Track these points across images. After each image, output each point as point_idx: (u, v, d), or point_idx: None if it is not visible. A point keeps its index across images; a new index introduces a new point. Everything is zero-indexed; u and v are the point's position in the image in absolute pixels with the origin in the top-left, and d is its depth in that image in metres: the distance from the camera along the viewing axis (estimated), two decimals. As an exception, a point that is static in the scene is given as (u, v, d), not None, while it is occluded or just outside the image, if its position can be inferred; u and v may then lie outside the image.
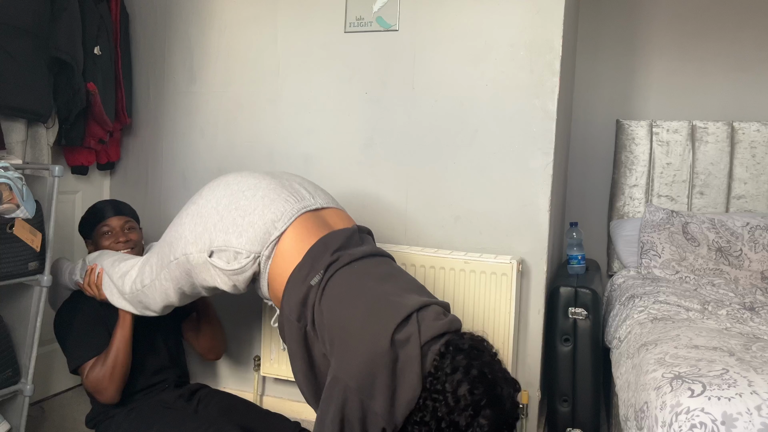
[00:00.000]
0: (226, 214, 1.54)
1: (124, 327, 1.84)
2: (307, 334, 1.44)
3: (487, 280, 2.04)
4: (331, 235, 1.52)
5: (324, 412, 1.32)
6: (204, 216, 1.57)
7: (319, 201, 1.62)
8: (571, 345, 2.07)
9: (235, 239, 1.51)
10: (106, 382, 1.79)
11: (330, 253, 1.46)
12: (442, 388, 1.26)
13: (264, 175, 1.64)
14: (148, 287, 1.72)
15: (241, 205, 1.54)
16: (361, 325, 1.33)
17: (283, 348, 1.79)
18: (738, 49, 2.77)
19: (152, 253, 1.74)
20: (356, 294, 1.40)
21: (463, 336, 1.36)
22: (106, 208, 2.07)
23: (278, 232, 1.51)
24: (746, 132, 2.65)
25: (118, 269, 1.82)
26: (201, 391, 2.02)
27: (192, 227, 1.58)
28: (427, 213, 2.23)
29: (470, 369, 1.27)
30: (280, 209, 1.53)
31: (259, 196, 1.55)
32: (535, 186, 2.11)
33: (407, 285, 1.46)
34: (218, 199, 1.58)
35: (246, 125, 2.45)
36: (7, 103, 2.00)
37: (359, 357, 1.30)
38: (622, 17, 2.92)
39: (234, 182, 1.61)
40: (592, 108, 2.96)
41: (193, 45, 2.52)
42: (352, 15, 2.27)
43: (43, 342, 2.18)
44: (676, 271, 2.40)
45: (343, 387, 1.29)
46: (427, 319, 1.34)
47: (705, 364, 1.36)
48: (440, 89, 2.20)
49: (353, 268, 1.45)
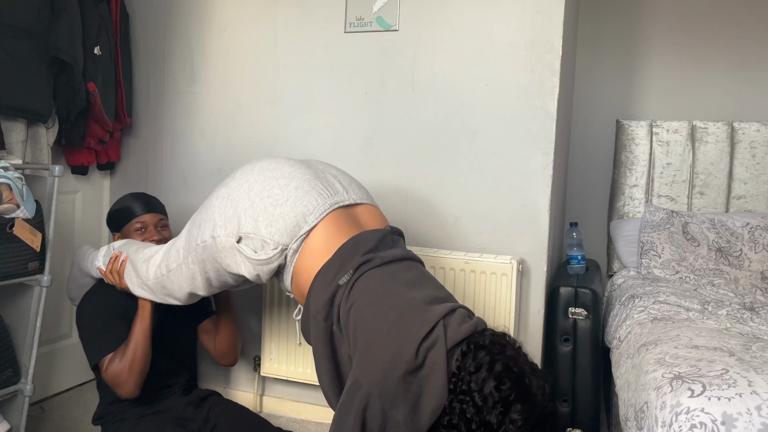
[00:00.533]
0: (257, 201, 1.50)
1: (143, 319, 1.80)
2: (333, 334, 1.41)
3: (487, 280, 2.04)
4: (363, 235, 1.49)
5: (343, 417, 1.28)
6: (235, 200, 1.53)
7: (352, 196, 1.58)
8: (571, 345, 2.07)
9: (265, 228, 1.48)
10: (125, 376, 1.75)
11: (361, 254, 1.43)
12: (468, 388, 1.22)
13: (300, 164, 1.60)
14: (173, 272, 1.68)
15: (274, 193, 1.50)
16: (387, 332, 1.30)
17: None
18: (738, 49, 2.77)
19: (179, 237, 1.70)
20: (384, 298, 1.36)
21: (484, 333, 1.32)
22: (139, 203, 2.01)
23: (308, 226, 1.47)
24: (746, 132, 2.65)
25: (142, 254, 1.79)
26: (211, 399, 1.99)
27: (222, 210, 1.55)
28: (427, 213, 2.23)
29: (494, 364, 1.23)
30: (313, 203, 1.49)
31: (293, 186, 1.51)
32: (535, 186, 2.11)
33: (435, 291, 1.43)
34: (251, 184, 1.54)
35: (246, 125, 2.45)
36: (7, 103, 2.01)
37: (383, 364, 1.26)
38: (622, 17, 2.92)
39: (268, 168, 1.57)
40: (592, 108, 2.96)
41: (193, 45, 2.52)
42: (352, 15, 2.27)
43: (43, 342, 2.18)
44: (676, 271, 2.40)
45: (365, 393, 1.26)
46: (453, 324, 1.31)
47: (705, 364, 1.36)
48: (440, 89, 2.20)
49: (383, 271, 1.42)
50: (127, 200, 2.03)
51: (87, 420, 2.25)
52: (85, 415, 2.30)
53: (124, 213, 1.99)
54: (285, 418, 2.38)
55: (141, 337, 1.78)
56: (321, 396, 2.37)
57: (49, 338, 2.42)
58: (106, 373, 1.76)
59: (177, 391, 1.95)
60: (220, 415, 1.92)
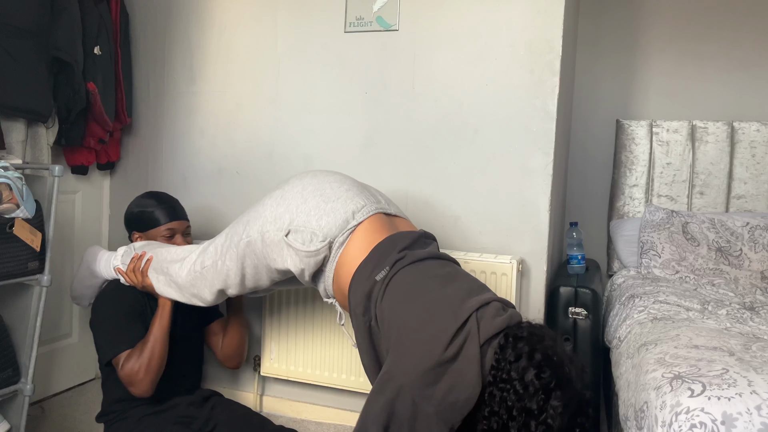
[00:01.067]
0: (310, 198, 1.61)
1: (163, 317, 1.82)
2: (372, 329, 1.46)
3: (487, 280, 2.04)
4: (399, 234, 1.57)
5: (371, 404, 1.31)
6: (287, 198, 1.64)
7: (392, 209, 1.71)
8: (571, 345, 2.07)
9: (315, 221, 1.57)
10: (142, 374, 1.75)
11: (397, 251, 1.50)
12: (508, 377, 1.26)
13: (346, 177, 1.74)
14: (208, 268, 1.74)
15: (326, 192, 1.62)
16: (420, 326, 1.34)
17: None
18: (738, 49, 2.77)
19: (219, 236, 1.77)
20: (418, 293, 1.41)
21: (521, 325, 1.36)
22: (168, 209, 2.02)
23: (356, 222, 1.57)
24: (746, 132, 2.65)
25: (174, 254, 1.84)
26: (213, 399, 2.00)
27: (273, 207, 1.64)
28: (427, 213, 2.23)
29: (534, 353, 1.26)
30: (361, 203, 1.61)
31: (344, 188, 1.64)
32: (535, 186, 2.11)
33: (471, 287, 1.46)
34: (304, 185, 1.66)
35: (246, 125, 2.45)
36: (7, 103, 2.01)
37: (415, 357, 1.30)
38: (622, 17, 2.92)
39: (321, 174, 1.71)
40: (592, 108, 2.96)
41: (193, 45, 2.52)
42: (352, 15, 2.27)
43: (43, 342, 2.18)
44: (676, 271, 2.40)
45: (397, 385, 1.29)
46: (486, 316, 1.34)
47: (705, 364, 1.36)
48: (440, 89, 2.20)
49: (417, 267, 1.47)
50: (153, 204, 2.02)
51: (87, 420, 2.25)
52: (85, 415, 2.30)
53: (151, 217, 2.00)
54: (285, 418, 2.38)
55: (160, 336, 1.80)
56: (321, 396, 2.37)
57: (49, 338, 2.42)
58: (122, 370, 1.76)
59: (181, 391, 1.96)
60: (222, 414, 1.92)
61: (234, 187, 2.47)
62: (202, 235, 2.45)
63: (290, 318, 2.29)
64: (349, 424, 2.33)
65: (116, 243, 2.53)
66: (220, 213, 2.48)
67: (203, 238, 2.41)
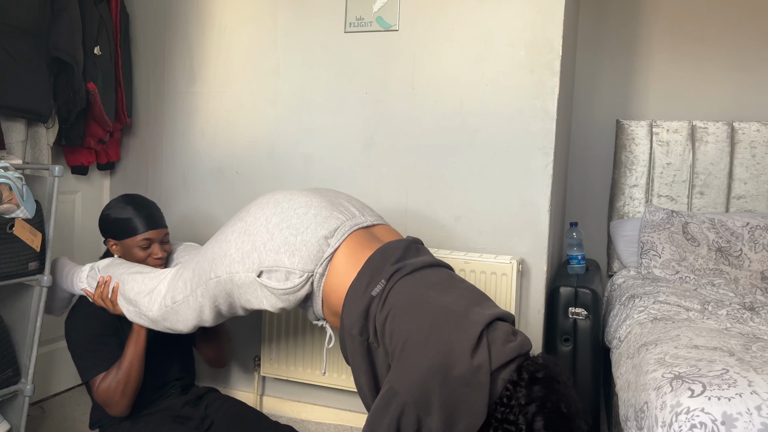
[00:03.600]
0: (276, 233, 1.50)
1: (138, 342, 1.77)
2: (370, 346, 1.40)
3: (487, 280, 2.04)
4: (388, 245, 1.49)
5: (377, 421, 1.27)
6: (252, 234, 1.52)
7: (368, 218, 1.60)
8: (571, 345, 2.07)
9: (288, 259, 1.48)
10: (118, 397, 1.74)
11: (390, 263, 1.44)
12: (515, 419, 1.22)
13: (313, 193, 1.61)
14: (179, 304, 1.64)
15: (293, 223, 1.50)
16: (424, 339, 1.29)
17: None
18: (738, 49, 2.77)
19: (186, 268, 1.66)
20: (419, 305, 1.36)
21: (537, 362, 1.31)
22: (145, 218, 1.88)
23: (332, 249, 1.48)
24: (746, 132, 2.65)
25: (141, 284, 1.73)
26: (208, 396, 1.99)
27: (239, 245, 1.52)
28: (427, 213, 2.23)
29: (546, 402, 1.23)
30: (333, 225, 1.50)
31: (311, 214, 1.52)
32: (535, 186, 2.11)
33: (470, 295, 1.43)
34: (268, 217, 1.53)
35: (246, 125, 2.45)
36: (7, 103, 2.01)
37: (420, 372, 1.26)
38: (622, 17, 2.92)
39: (284, 200, 1.57)
40: (592, 108, 2.96)
41: (193, 45, 2.52)
42: (352, 15, 2.27)
43: (43, 342, 2.18)
44: (676, 271, 2.39)
45: (402, 402, 1.25)
46: (497, 341, 1.30)
47: (705, 364, 1.36)
48: (440, 89, 2.20)
49: (414, 277, 1.42)
50: (130, 211, 1.87)
51: (87, 420, 2.25)
52: (85, 415, 2.30)
53: (128, 226, 1.87)
54: (285, 418, 2.38)
55: (136, 359, 1.76)
56: (321, 396, 2.37)
57: (49, 338, 2.42)
58: (97, 392, 1.75)
59: (175, 392, 1.95)
60: (218, 411, 1.92)
61: (234, 187, 2.47)
62: (202, 236, 2.45)
63: (290, 318, 2.29)
64: (349, 424, 2.33)
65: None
66: (220, 213, 2.48)
67: (202, 239, 2.41)
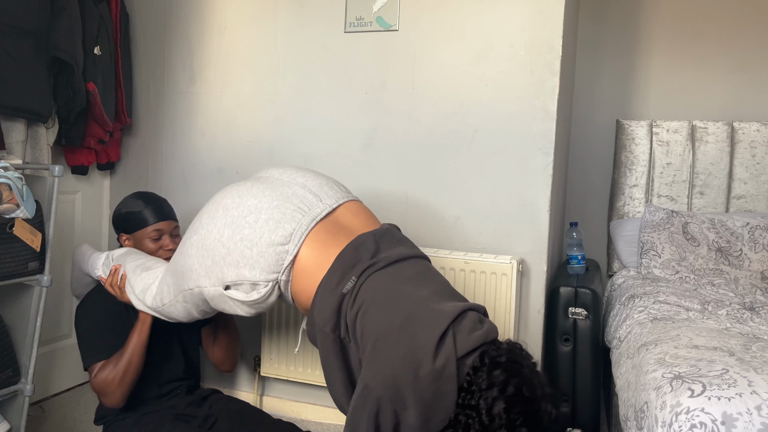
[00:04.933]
0: (232, 247, 1.46)
1: (142, 331, 1.78)
2: (343, 342, 1.39)
3: (487, 280, 2.04)
4: (361, 238, 1.45)
5: (356, 420, 1.27)
6: (209, 248, 1.49)
7: (327, 202, 1.53)
8: (571, 345, 2.07)
9: (248, 272, 1.45)
10: (114, 386, 1.74)
11: (363, 260, 1.40)
12: (476, 404, 1.21)
13: (263, 188, 1.53)
14: (167, 306, 1.68)
15: (246, 234, 1.45)
16: (396, 335, 1.28)
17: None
18: (738, 49, 2.77)
19: (168, 273, 1.68)
20: (391, 299, 1.34)
21: (500, 347, 1.30)
22: (154, 210, 1.94)
23: (291, 256, 1.45)
24: (746, 132, 2.65)
25: (141, 281, 1.77)
26: (212, 396, 1.99)
27: (200, 260, 1.51)
28: (427, 213, 2.23)
29: (506, 386, 1.22)
30: (288, 230, 1.45)
31: (262, 220, 1.46)
32: (535, 186, 2.11)
33: (442, 289, 1.41)
34: (220, 229, 1.49)
35: (246, 125, 2.45)
36: (7, 103, 2.01)
37: (393, 367, 1.25)
38: (622, 17, 2.92)
39: (232, 206, 1.50)
40: (592, 108, 2.96)
41: (193, 45, 2.52)
42: (352, 15, 2.27)
43: (43, 342, 2.18)
44: (676, 271, 2.39)
45: (376, 397, 1.25)
46: (463, 330, 1.28)
47: (705, 364, 1.36)
48: (440, 89, 2.20)
49: (387, 272, 1.39)
50: (140, 204, 1.94)
51: (87, 420, 2.25)
52: (85, 415, 2.30)
53: (138, 218, 1.93)
54: (285, 418, 2.37)
55: (137, 350, 1.77)
56: (321, 396, 2.37)
57: (49, 338, 2.42)
58: (95, 379, 1.76)
59: (180, 392, 1.96)
60: (221, 410, 1.92)
61: (234, 187, 2.47)
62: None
63: (290, 318, 2.29)
64: (349, 424, 2.33)
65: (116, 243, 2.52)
66: (220, 213, 2.48)
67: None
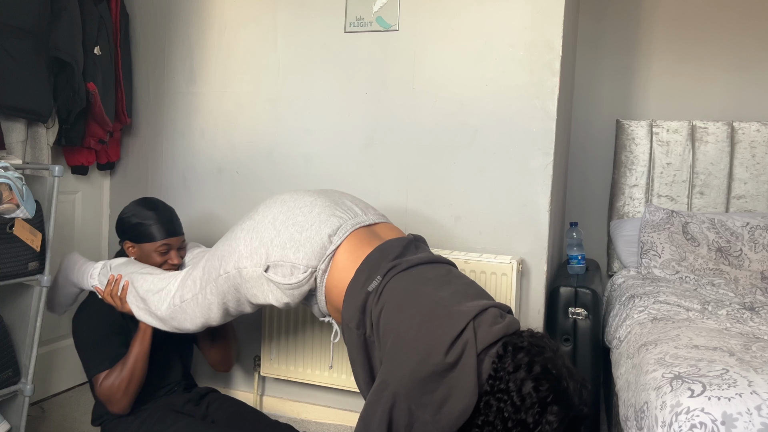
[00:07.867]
0: (283, 230, 1.57)
1: (144, 341, 1.80)
2: (367, 340, 1.45)
3: (487, 280, 2.04)
4: (388, 243, 1.55)
5: (370, 414, 1.31)
6: (260, 231, 1.59)
7: (371, 217, 1.66)
8: (571, 345, 2.07)
9: (293, 254, 1.54)
10: (120, 395, 1.76)
11: (388, 260, 1.49)
12: (506, 387, 1.25)
13: (318, 193, 1.68)
14: (188, 302, 1.70)
15: (299, 221, 1.57)
16: (415, 333, 1.32)
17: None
18: (738, 49, 2.77)
19: (195, 267, 1.72)
20: (413, 300, 1.40)
21: (522, 334, 1.35)
22: (165, 224, 1.91)
23: (334, 246, 1.54)
24: (746, 132, 2.65)
25: (151, 283, 1.78)
26: (210, 396, 2.00)
27: (247, 242, 1.59)
28: (427, 213, 2.23)
29: (533, 366, 1.26)
30: (336, 224, 1.57)
31: (315, 212, 1.59)
32: (535, 186, 2.11)
33: (466, 290, 1.45)
34: (275, 215, 1.61)
35: (246, 125, 2.45)
36: (7, 103, 2.01)
37: (410, 365, 1.29)
38: (622, 17, 2.92)
39: (290, 200, 1.65)
40: (592, 108, 2.96)
41: (193, 45, 2.52)
42: (352, 15, 2.27)
43: (43, 342, 2.18)
44: (676, 271, 2.39)
45: (392, 393, 1.29)
46: (483, 324, 1.32)
47: (705, 364, 1.36)
48: (440, 89, 2.20)
49: (410, 273, 1.46)
50: (152, 217, 1.90)
51: (87, 420, 2.25)
52: (85, 415, 2.30)
53: (149, 231, 1.89)
54: (285, 418, 2.38)
55: (140, 358, 1.79)
56: (321, 396, 2.37)
57: (49, 338, 2.42)
58: (100, 389, 1.77)
59: (177, 390, 1.97)
60: (219, 409, 1.93)
61: (234, 187, 2.47)
62: (202, 236, 2.45)
63: (290, 318, 2.29)
64: (350, 424, 2.33)
65: (116, 244, 2.53)
66: (220, 213, 2.48)
67: (202, 239, 2.42)
